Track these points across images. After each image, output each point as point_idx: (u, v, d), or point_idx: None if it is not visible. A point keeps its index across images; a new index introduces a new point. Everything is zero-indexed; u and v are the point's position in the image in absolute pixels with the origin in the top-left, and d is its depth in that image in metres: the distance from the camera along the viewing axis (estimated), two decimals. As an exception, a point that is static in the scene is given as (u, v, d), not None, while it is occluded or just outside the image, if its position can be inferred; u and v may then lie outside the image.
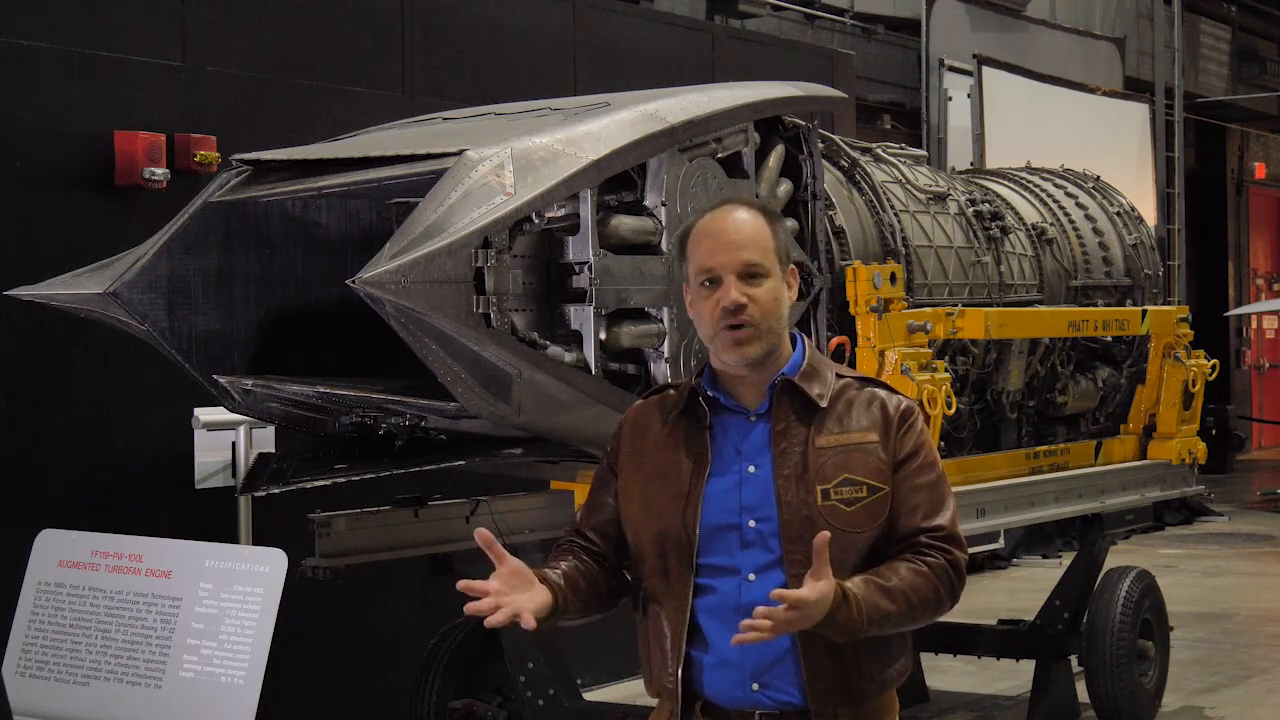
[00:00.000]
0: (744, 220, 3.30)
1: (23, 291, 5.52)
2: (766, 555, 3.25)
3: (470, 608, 3.16)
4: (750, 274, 3.25)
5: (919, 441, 3.33)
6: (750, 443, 3.31)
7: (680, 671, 3.29)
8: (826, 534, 3.07)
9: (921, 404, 6.21)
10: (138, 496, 6.91)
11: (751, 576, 3.24)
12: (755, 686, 3.26)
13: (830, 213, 6.52)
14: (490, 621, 3.13)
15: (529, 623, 3.16)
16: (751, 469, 3.29)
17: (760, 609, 3.04)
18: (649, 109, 5.46)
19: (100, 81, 6.96)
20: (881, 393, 3.37)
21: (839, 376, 3.38)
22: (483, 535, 3.17)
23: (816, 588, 3.05)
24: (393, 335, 4.81)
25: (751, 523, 3.26)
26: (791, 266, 3.35)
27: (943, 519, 3.30)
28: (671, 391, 3.45)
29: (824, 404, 3.31)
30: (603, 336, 5.23)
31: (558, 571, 3.34)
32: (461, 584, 3.18)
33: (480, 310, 4.81)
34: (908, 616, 3.23)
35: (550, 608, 3.24)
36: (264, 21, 7.67)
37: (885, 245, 6.89)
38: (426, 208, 4.80)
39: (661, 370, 5.40)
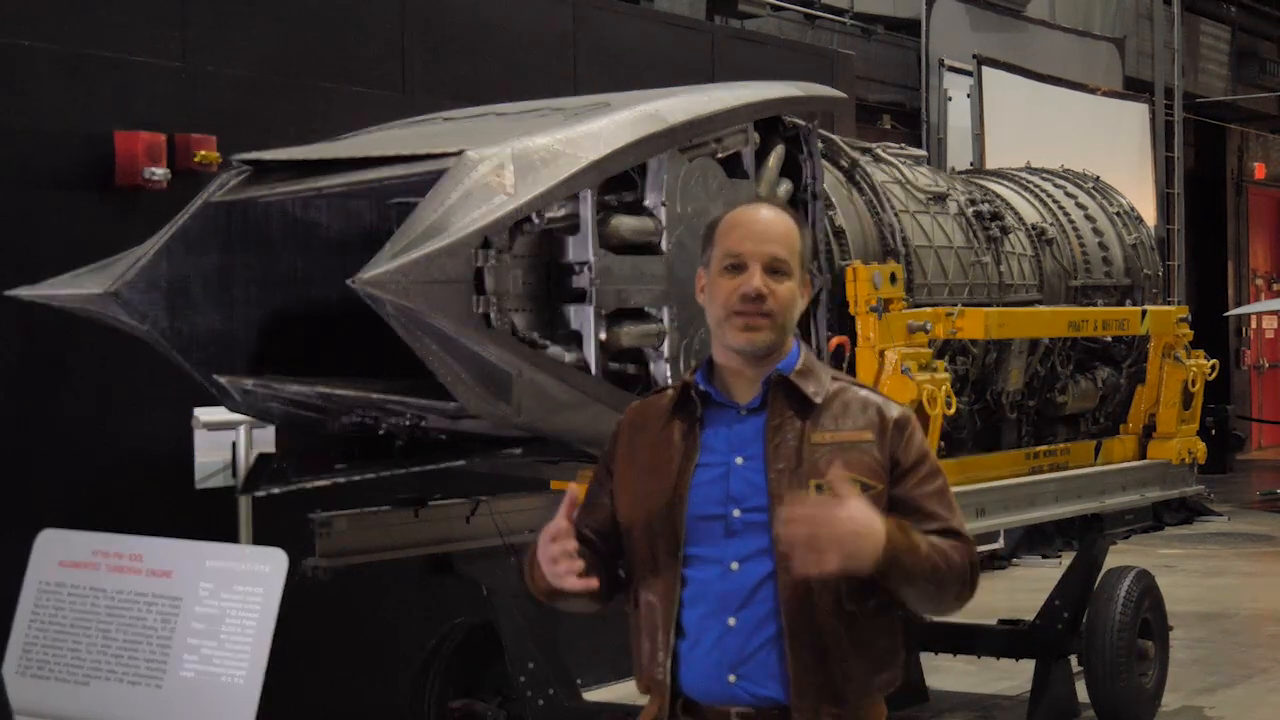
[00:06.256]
0: (777, 219, 3.37)
1: (23, 291, 5.52)
2: (751, 546, 3.25)
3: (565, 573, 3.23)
4: (774, 269, 3.30)
5: (922, 451, 3.36)
6: (739, 436, 3.33)
7: (670, 663, 3.30)
8: (843, 474, 3.17)
9: (921, 404, 6.22)
10: (138, 496, 6.90)
11: (735, 566, 3.25)
12: (732, 678, 3.25)
13: (830, 213, 6.52)
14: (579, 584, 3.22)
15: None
16: (739, 460, 3.31)
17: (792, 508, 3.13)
18: (649, 109, 5.46)
19: (100, 81, 6.96)
20: (877, 398, 3.40)
21: (834, 379, 3.42)
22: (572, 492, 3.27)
23: (849, 502, 3.11)
24: (393, 335, 4.81)
25: (736, 513, 3.27)
26: (806, 276, 3.39)
27: (956, 524, 3.34)
28: (669, 391, 3.48)
29: (819, 401, 3.33)
30: (603, 336, 5.23)
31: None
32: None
33: (480, 310, 4.81)
34: (935, 580, 3.24)
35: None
36: (264, 21, 7.67)
37: (885, 245, 6.88)
38: (426, 208, 4.80)
39: (661, 370, 5.40)
